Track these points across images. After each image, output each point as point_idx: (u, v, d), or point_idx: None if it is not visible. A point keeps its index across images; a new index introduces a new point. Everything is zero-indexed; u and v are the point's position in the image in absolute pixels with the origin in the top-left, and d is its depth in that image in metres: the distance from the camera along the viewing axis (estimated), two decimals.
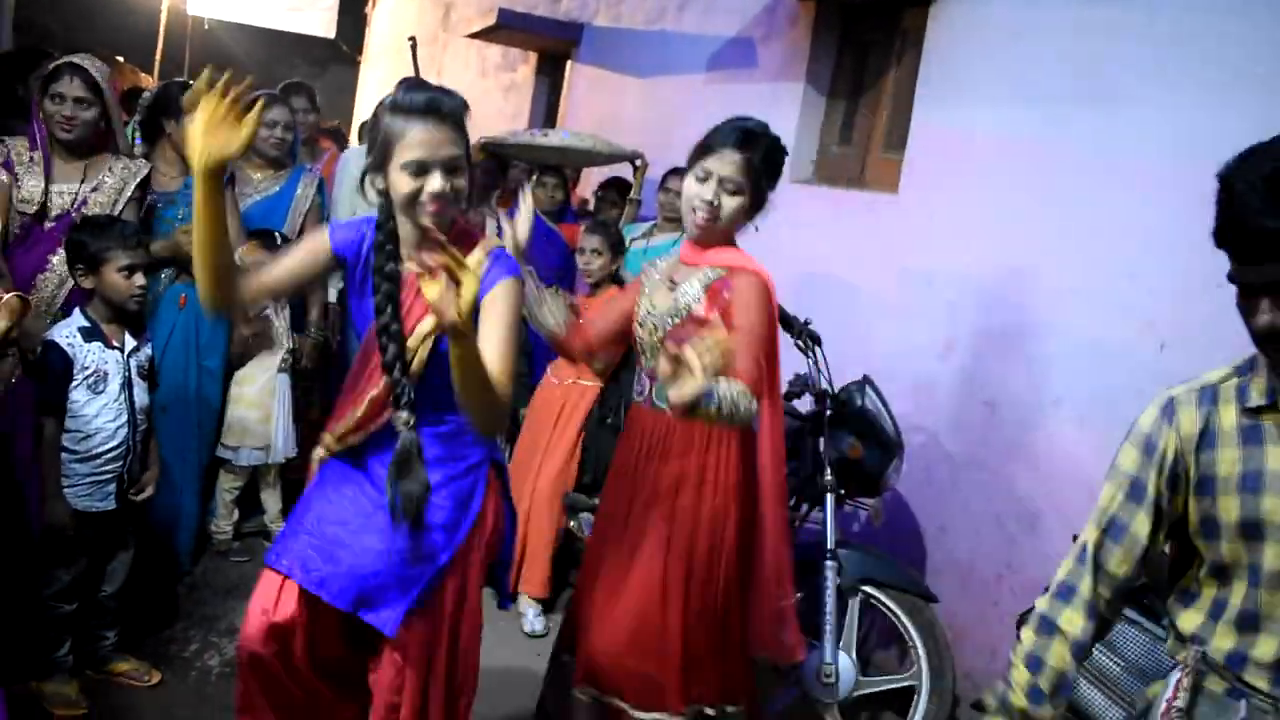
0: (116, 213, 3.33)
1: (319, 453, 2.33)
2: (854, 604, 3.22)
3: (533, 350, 4.87)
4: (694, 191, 2.53)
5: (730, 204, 2.52)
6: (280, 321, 4.21)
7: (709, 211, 2.51)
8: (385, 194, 2.12)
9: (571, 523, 4.06)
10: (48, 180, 3.29)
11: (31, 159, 3.28)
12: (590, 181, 6.40)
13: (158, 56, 17.16)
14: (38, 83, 3.33)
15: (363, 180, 2.17)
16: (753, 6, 5.20)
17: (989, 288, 3.63)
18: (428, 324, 2.11)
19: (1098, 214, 3.26)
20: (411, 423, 2.13)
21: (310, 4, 17.40)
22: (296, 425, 4.29)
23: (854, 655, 3.17)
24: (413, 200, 2.06)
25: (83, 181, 3.35)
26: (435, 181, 2.04)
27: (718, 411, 2.10)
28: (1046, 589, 1.75)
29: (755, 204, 2.57)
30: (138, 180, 3.46)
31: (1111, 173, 3.23)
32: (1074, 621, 1.69)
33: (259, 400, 4.14)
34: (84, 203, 3.30)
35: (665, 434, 2.62)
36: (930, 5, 4.05)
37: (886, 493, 3.45)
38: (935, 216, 3.87)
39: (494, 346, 2.00)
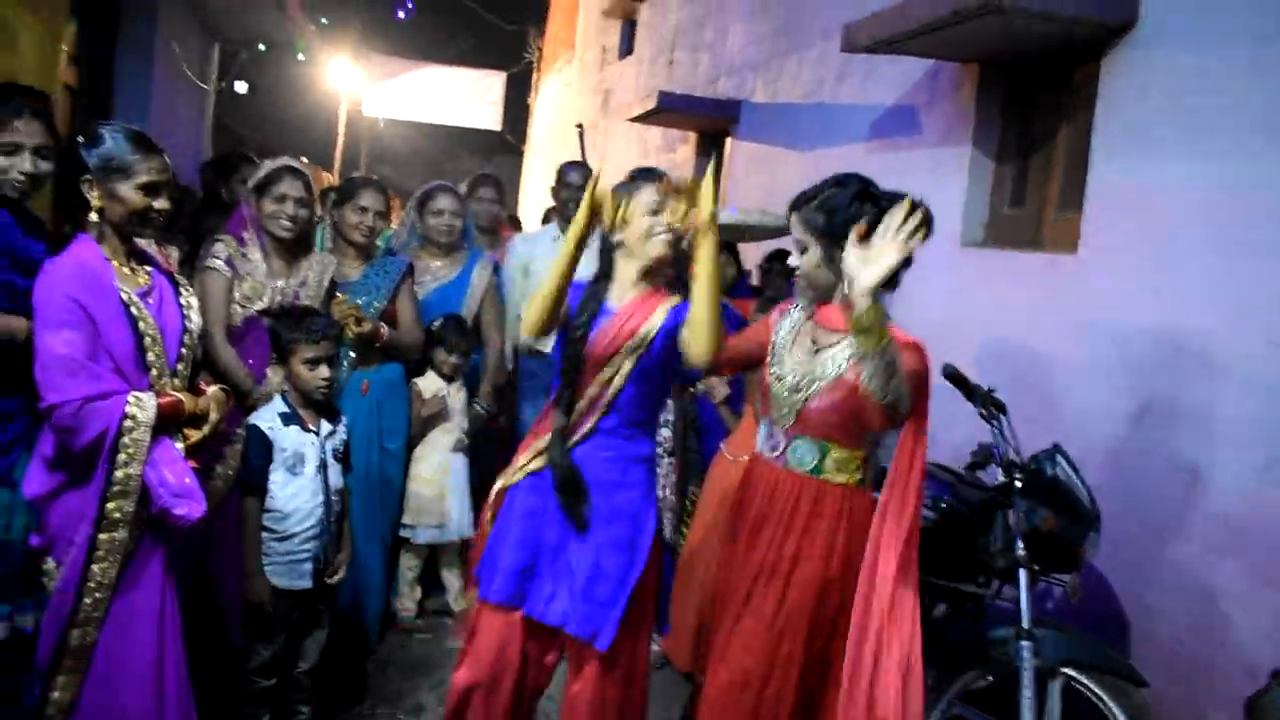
0: (319, 305, 3.51)
1: (501, 482, 2.72)
2: (1054, 687, 3.03)
3: (704, 427, 4.86)
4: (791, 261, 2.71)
5: (803, 262, 2.61)
6: (457, 401, 4.33)
7: (799, 277, 2.67)
8: (611, 248, 2.70)
9: None
10: (270, 277, 3.49)
11: (245, 256, 3.49)
12: (749, 255, 6.40)
13: (338, 155, 18.20)
14: (241, 184, 3.56)
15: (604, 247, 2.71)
16: (914, 73, 5.15)
17: (1183, 347, 3.44)
18: (631, 344, 2.59)
19: None
20: (564, 422, 2.61)
21: (476, 98, 18.22)
22: (474, 504, 4.38)
23: None
24: (649, 233, 2.62)
25: (289, 277, 3.54)
26: (665, 218, 2.61)
27: (881, 339, 2.24)
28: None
29: (832, 255, 2.54)
30: (329, 273, 3.65)
31: None
32: None
33: (433, 478, 4.25)
34: (296, 297, 3.50)
35: (796, 496, 2.60)
36: (1101, 59, 3.93)
37: (1083, 567, 3.26)
38: (1120, 275, 3.70)
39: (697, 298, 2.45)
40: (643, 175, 2.72)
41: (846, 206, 2.54)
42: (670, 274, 2.71)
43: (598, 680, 2.63)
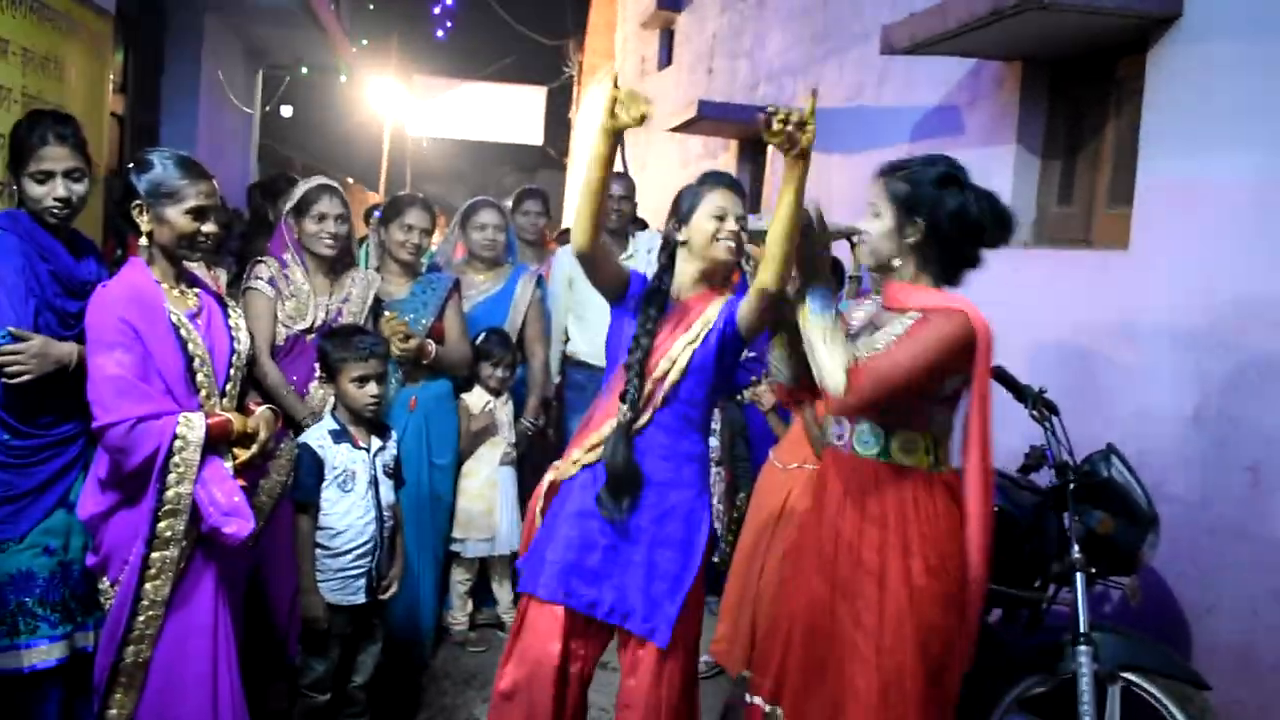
0: (363, 322, 3.54)
1: (552, 476, 2.73)
2: (1114, 692, 2.97)
3: (753, 435, 4.84)
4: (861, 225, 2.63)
5: (872, 226, 2.52)
6: (504, 414, 4.34)
7: (865, 240, 2.57)
8: (673, 246, 2.77)
9: None
10: (313, 295, 3.53)
11: (286, 277, 3.53)
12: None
13: (383, 175, 18.40)
14: (284, 204, 3.60)
15: (666, 244, 2.82)
16: (955, 73, 5.10)
17: (1240, 343, 3.36)
18: (688, 336, 2.65)
19: None
20: (630, 415, 2.61)
21: (518, 114, 18.34)
22: (523, 517, 4.39)
23: None
24: (714, 237, 2.68)
25: (332, 295, 3.58)
26: (730, 223, 2.70)
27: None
28: None
29: (903, 228, 2.47)
30: (374, 290, 3.68)
31: None
32: None
33: (482, 492, 4.26)
34: (339, 314, 3.53)
35: (870, 482, 2.52)
36: (1146, 51, 3.86)
37: (1142, 570, 3.19)
38: (1173, 270, 3.63)
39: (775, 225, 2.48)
40: (712, 179, 2.77)
41: (929, 185, 2.46)
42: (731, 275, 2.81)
43: (654, 677, 2.63)
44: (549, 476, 2.79)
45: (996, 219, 2.47)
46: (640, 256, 5.04)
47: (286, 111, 18.84)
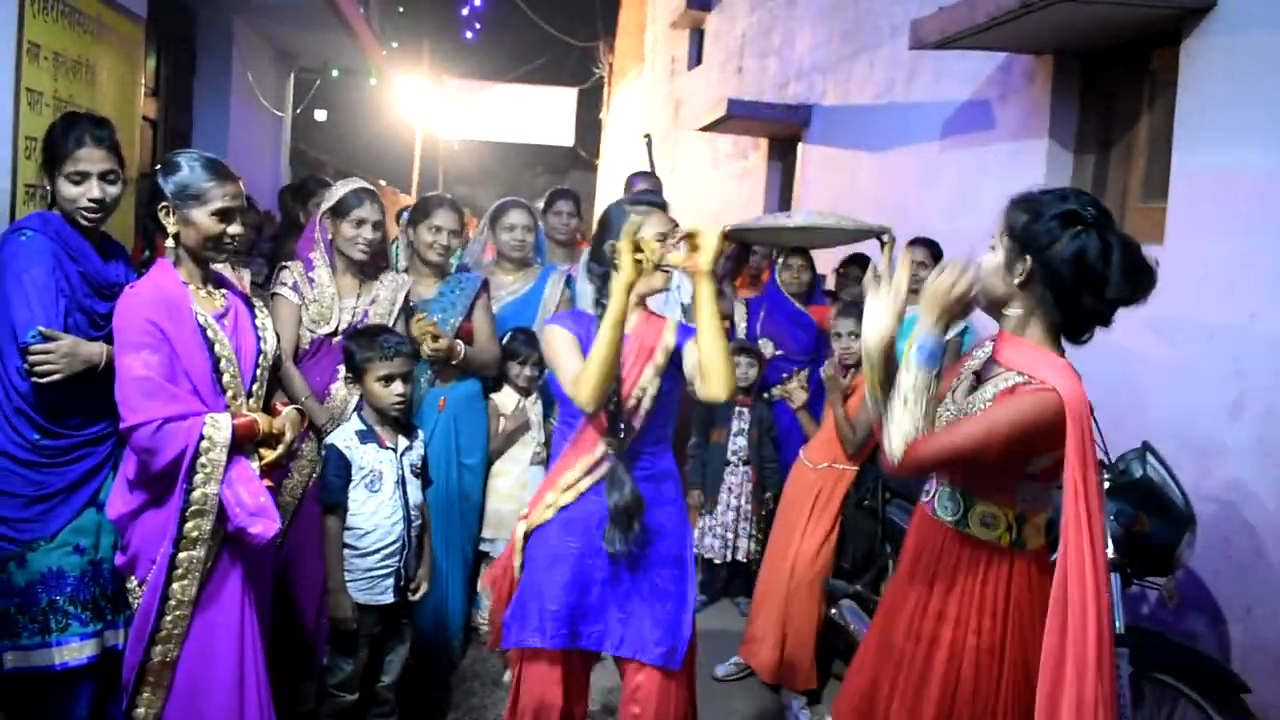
0: (391, 324, 3.54)
1: (523, 527, 2.67)
2: (1151, 694, 2.92)
3: (781, 434, 4.81)
4: None
5: (986, 261, 2.26)
6: (534, 414, 4.34)
7: (976, 275, 2.28)
8: (606, 274, 2.69)
9: (832, 610, 3.92)
10: (337, 298, 3.54)
11: (311, 280, 3.54)
12: (823, 260, 6.32)
13: (415, 177, 18.48)
14: (315, 207, 3.61)
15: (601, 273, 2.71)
16: (985, 68, 5.05)
17: (1278, 339, 3.29)
18: (654, 364, 2.62)
19: None
20: (619, 447, 2.58)
21: (549, 115, 18.38)
22: None
23: None
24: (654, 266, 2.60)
25: (359, 296, 3.58)
26: (668, 245, 2.63)
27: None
28: None
29: (1013, 264, 2.20)
30: (405, 291, 3.68)
31: None
32: None
33: (512, 492, 4.25)
34: (365, 316, 3.53)
35: (940, 549, 2.36)
36: (1180, 43, 3.80)
37: (1179, 570, 3.14)
38: (1210, 265, 3.57)
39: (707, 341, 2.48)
40: (646, 202, 2.75)
41: (1049, 220, 2.16)
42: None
43: (660, 699, 2.62)
44: (519, 528, 2.69)
45: (1127, 271, 2.12)
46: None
47: (320, 116, 18.99)
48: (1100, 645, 2.07)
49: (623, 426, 2.59)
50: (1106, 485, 3.02)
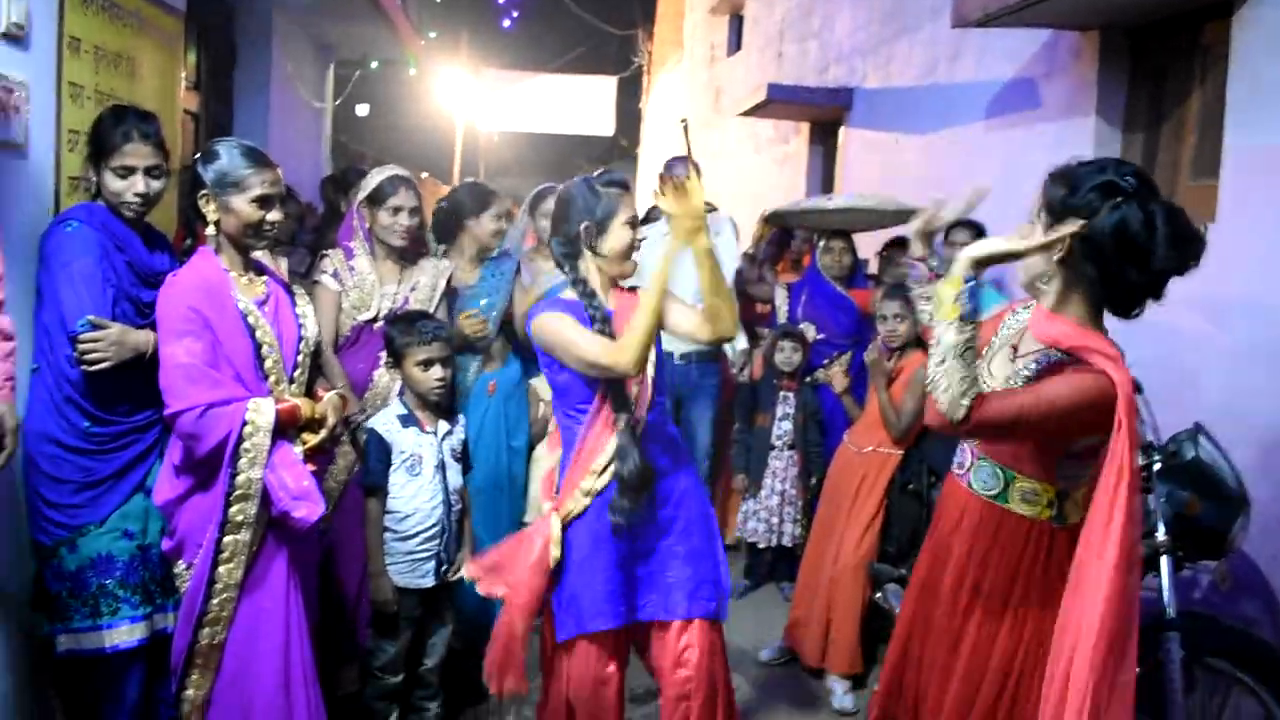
0: (432, 309, 3.56)
1: (563, 516, 2.65)
2: (1203, 680, 2.87)
3: (826, 418, 4.78)
4: None
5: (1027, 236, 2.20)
6: None
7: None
8: (574, 256, 2.71)
9: (877, 595, 3.89)
10: (377, 285, 3.55)
11: (351, 268, 3.56)
12: (865, 244, 6.27)
13: (456, 168, 18.56)
14: (354, 195, 3.62)
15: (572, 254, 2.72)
16: (1030, 45, 4.97)
17: None
18: None
19: None
20: (629, 421, 2.60)
21: (589, 105, 18.35)
22: None
23: None
24: (630, 247, 2.70)
25: (400, 283, 3.60)
26: (639, 232, 2.73)
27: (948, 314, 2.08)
28: None
29: (1057, 244, 2.13)
30: (446, 277, 3.69)
31: None
32: None
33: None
34: (406, 302, 3.55)
35: (978, 523, 2.36)
36: (1232, 15, 3.71)
37: (1232, 553, 3.07)
38: (1263, 243, 3.48)
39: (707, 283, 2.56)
40: (619, 184, 2.73)
41: (1088, 191, 2.11)
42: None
43: (709, 657, 2.67)
44: (555, 521, 2.65)
45: (1173, 239, 2.07)
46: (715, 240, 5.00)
47: (362, 110, 19.12)
48: (1109, 628, 2.04)
49: (630, 404, 2.64)
50: (1157, 467, 2.96)
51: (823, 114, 8.11)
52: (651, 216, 4.95)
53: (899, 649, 2.57)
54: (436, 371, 3.14)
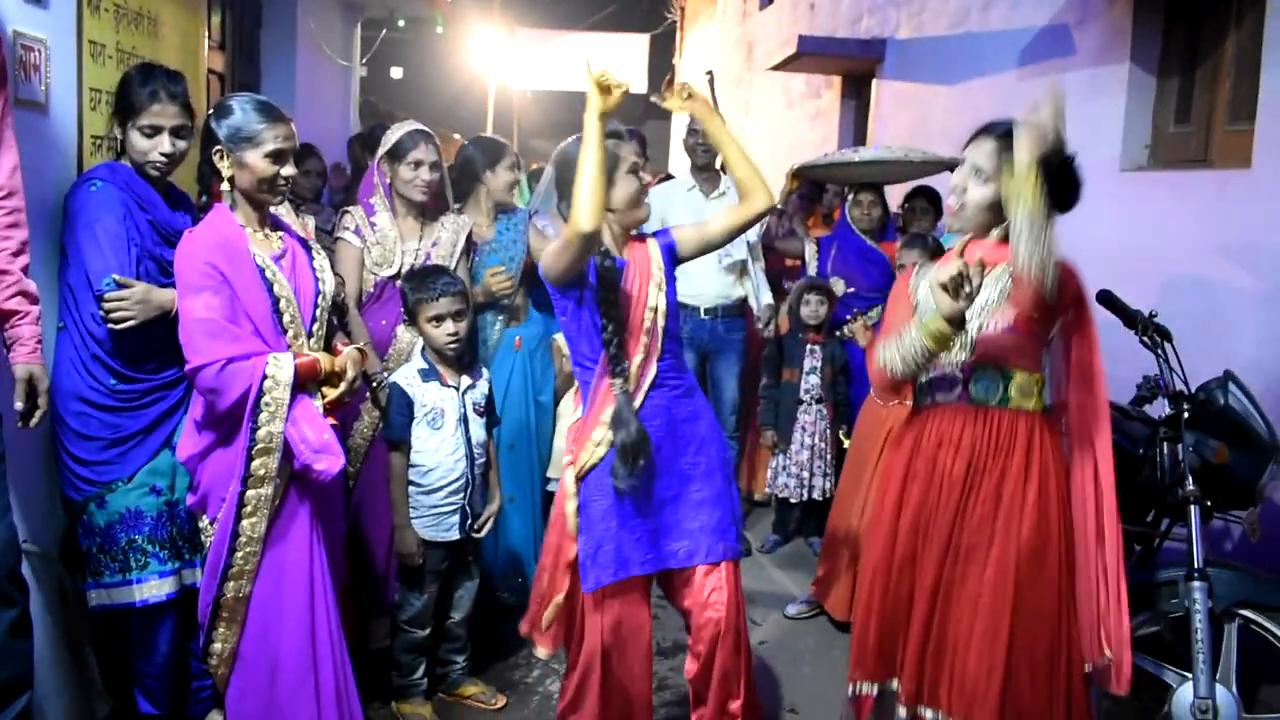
0: (453, 265, 3.56)
1: (577, 470, 2.66)
2: (1231, 631, 2.83)
3: (853, 371, 4.75)
4: (953, 181, 2.58)
5: (976, 193, 2.51)
6: None
7: (957, 198, 2.56)
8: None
9: None
10: (399, 241, 3.56)
11: (373, 224, 3.56)
12: (895, 197, 6.19)
13: (489, 128, 18.47)
14: (376, 150, 3.63)
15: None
16: None
17: None
18: (655, 281, 2.67)
19: None
20: (624, 387, 2.59)
21: (621, 63, 18.13)
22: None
23: (1235, 689, 2.78)
24: (639, 194, 2.71)
25: (421, 239, 3.60)
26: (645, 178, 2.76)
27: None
28: None
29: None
30: (465, 233, 3.69)
31: None
32: None
33: None
34: (428, 258, 3.55)
35: (995, 430, 2.54)
36: None
37: (1263, 503, 3.02)
38: None
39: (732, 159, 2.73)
40: (613, 135, 2.67)
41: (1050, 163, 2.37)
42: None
43: (733, 595, 2.69)
44: (568, 474, 2.68)
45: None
46: (731, 195, 4.95)
47: (396, 73, 19.06)
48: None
49: (624, 366, 2.61)
50: (1186, 415, 2.91)
51: (855, 66, 7.99)
52: (669, 176, 4.91)
53: (881, 594, 2.72)
54: (448, 326, 3.14)
